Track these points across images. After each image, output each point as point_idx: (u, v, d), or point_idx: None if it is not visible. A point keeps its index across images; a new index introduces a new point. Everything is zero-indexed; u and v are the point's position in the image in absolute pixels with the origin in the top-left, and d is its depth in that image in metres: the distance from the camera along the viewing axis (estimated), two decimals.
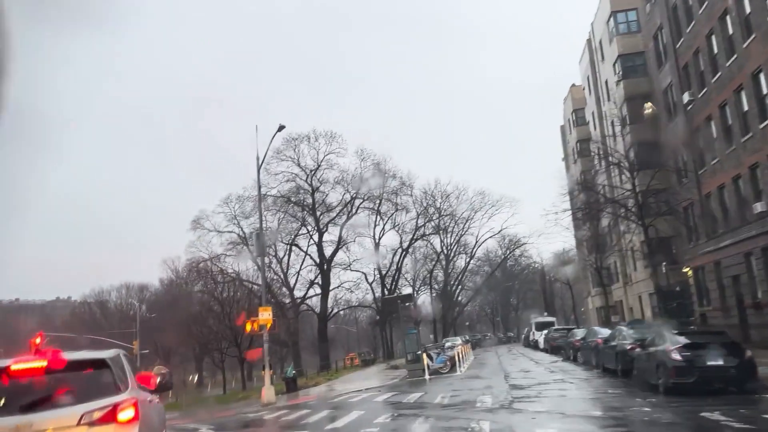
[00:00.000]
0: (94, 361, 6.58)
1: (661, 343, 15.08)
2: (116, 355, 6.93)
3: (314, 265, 56.80)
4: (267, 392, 23.08)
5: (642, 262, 40.24)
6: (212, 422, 19.09)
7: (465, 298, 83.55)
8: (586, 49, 52.77)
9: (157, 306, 70.12)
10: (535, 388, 17.31)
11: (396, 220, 62.89)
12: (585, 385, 17.75)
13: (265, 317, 23.46)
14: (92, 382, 6.28)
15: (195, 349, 60.17)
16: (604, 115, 48.56)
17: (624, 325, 23.89)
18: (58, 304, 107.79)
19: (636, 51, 41.93)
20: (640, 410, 11.90)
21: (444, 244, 71.17)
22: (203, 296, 50.67)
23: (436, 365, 27.44)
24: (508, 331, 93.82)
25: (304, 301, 57.57)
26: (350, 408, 16.91)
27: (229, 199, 53.28)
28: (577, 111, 57.66)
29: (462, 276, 76.45)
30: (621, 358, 19.00)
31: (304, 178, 55.17)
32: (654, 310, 39.24)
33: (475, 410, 13.24)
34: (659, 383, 14.29)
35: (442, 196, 66.71)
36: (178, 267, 63.77)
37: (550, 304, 71.39)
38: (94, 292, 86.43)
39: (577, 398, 14.43)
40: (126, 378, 6.61)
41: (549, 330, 42.33)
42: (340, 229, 57.39)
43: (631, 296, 46.17)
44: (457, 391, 17.99)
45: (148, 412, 6.84)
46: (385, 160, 57.96)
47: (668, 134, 34.28)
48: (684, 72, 31.62)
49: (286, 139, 52.86)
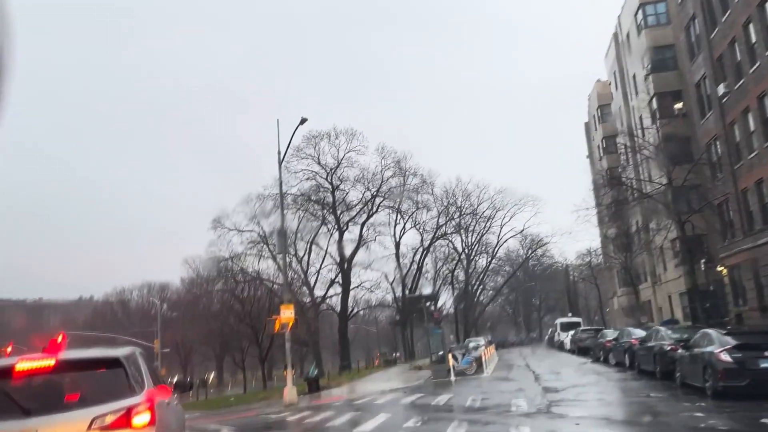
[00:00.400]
0: (107, 359, 6.04)
1: (707, 344, 14.19)
2: (131, 354, 6.37)
3: (334, 264, 56.34)
4: (289, 393, 22.47)
5: (673, 261, 39.04)
6: (234, 423, 18.53)
7: (486, 299, 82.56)
8: (613, 43, 51.56)
9: (178, 305, 70.21)
10: (570, 390, 16.47)
11: (417, 218, 62.25)
12: (623, 387, 16.86)
13: (287, 315, 22.84)
14: (104, 383, 5.74)
15: (215, 348, 60.03)
16: (632, 110, 47.36)
17: (661, 324, 22.87)
18: (80, 304, 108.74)
19: (665, 44, 40.83)
20: (691, 416, 11.04)
21: (465, 243, 70.36)
22: (224, 295, 50.42)
23: (461, 366, 26.66)
24: (531, 332, 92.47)
25: (324, 301, 57.11)
26: (376, 410, 16.23)
27: (249, 198, 52.96)
28: (602, 107, 56.43)
29: (483, 276, 75.50)
30: (660, 359, 18.11)
31: (325, 176, 54.69)
32: (685, 310, 38.05)
33: (511, 415, 12.47)
34: (706, 386, 13.43)
35: (463, 195, 65.97)
36: (198, 266, 63.80)
37: (574, 304, 70.01)
38: (116, 291, 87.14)
39: (618, 402, 13.58)
40: (142, 378, 6.06)
41: (576, 331, 41.34)
42: (361, 227, 56.85)
43: (660, 296, 44.90)
44: (487, 394, 17.21)
45: (166, 415, 6.29)
46: (406, 157, 57.26)
47: (701, 128, 33.14)
48: (718, 63, 30.46)
49: (307, 137, 52.46)
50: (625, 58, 48.63)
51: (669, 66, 40.40)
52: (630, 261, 41.86)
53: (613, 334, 29.00)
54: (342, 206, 55.90)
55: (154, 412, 5.57)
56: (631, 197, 36.41)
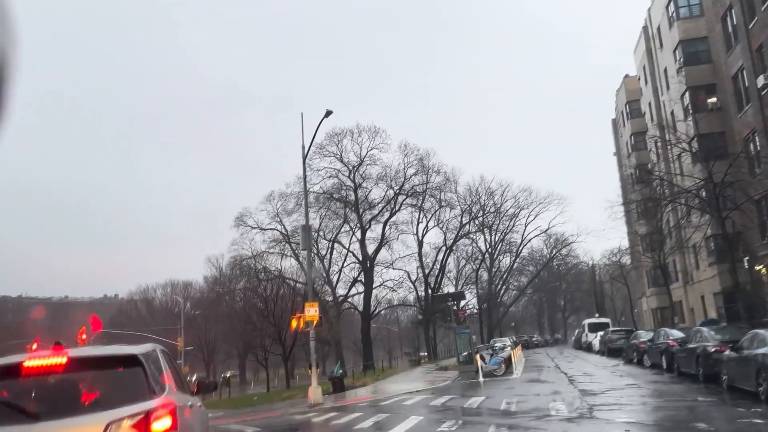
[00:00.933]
0: (124, 357, 5.39)
1: (759, 346, 13.34)
2: (151, 351, 5.76)
3: (356, 262, 55.86)
4: (314, 392, 21.93)
5: (706, 260, 37.78)
6: (258, 423, 18.05)
7: (510, 299, 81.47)
8: (642, 36, 50.27)
9: (201, 303, 70.39)
10: (609, 394, 15.67)
11: (440, 217, 61.53)
12: (665, 390, 15.99)
13: (311, 313, 22.29)
14: (121, 384, 5.14)
15: (238, 347, 59.91)
16: (662, 105, 46.10)
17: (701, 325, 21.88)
18: (105, 302, 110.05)
19: (699, 36, 39.61)
20: (750, 422, 10.24)
21: (488, 242, 69.43)
22: (246, 293, 50.25)
23: (490, 367, 25.91)
24: (555, 333, 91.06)
25: (347, 300, 56.65)
26: (405, 412, 15.60)
27: (272, 197, 52.79)
28: (631, 103, 55.13)
29: (507, 275, 74.48)
30: (703, 361, 17.22)
31: (347, 174, 54.26)
32: (720, 310, 36.82)
33: (552, 419, 11.75)
34: (759, 391, 12.58)
35: (487, 193, 65.09)
36: (221, 264, 63.87)
37: (600, 305, 68.61)
38: (140, 290, 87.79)
39: (665, 406, 12.74)
40: (162, 378, 5.48)
41: (605, 332, 40.27)
42: (383, 226, 56.30)
43: (692, 296, 43.59)
44: (521, 396, 16.47)
45: (189, 420, 5.68)
46: (429, 155, 56.63)
47: (739, 122, 31.94)
48: (758, 54, 29.29)
49: (329, 134, 52.09)
50: (655, 52, 47.36)
51: (702, 59, 39.17)
52: (663, 260, 40.61)
53: (647, 335, 28.11)
54: (364, 204, 55.42)
55: (176, 416, 5.01)
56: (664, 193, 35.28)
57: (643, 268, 52.58)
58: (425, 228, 60.99)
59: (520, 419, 12.21)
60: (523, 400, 15.39)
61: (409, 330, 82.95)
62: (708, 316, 38.32)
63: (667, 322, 41.45)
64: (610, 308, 79.79)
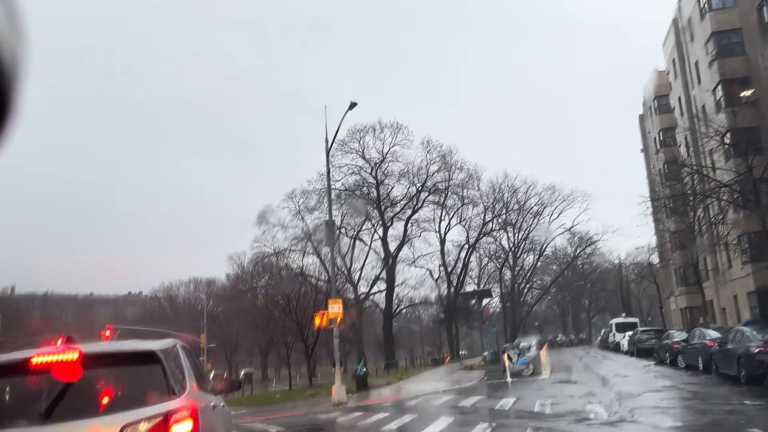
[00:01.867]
0: (142, 354, 4.94)
1: None
2: (171, 347, 5.28)
3: (378, 260, 55.49)
4: (338, 391, 21.50)
5: (740, 258, 36.62)
6: (282, 423, 17.66)
7: (533, 298, 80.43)
8: (672, 29, 48.98)
9: (224, 300, 70.54)
10: (648, 396, 14.97)
11: (462, 214, 60.84)
12: (706, 393, 15.22)
13: (335, 310, 21.87)
14: (138, 382, 4.74)
15: (260, 344, 59.86)
16: (693, 99, 44.85)
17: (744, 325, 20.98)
18: (129, 299, 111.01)
19: (732, 27, 38.40)
20: None
21: (511, 240, 68.54)
22: (268, 291, 50.13)
23: (517, 367, 25.29)
24: (580, 333, 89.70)
25: (368, 297, 56.27)
26: (434, 413, 15.07)
27: (294, 194, 52.62)
28: (659, 98, 53.79)
29: (530, 274, 73.48)
30: (745, 362, 16.42)
31: (369, 170, 53.87)
32: (754, 310, 35.66)
33: (592, 423, 11.12)
34: None
35: (510, 190, 64.20)
36: (243, 262, 63.91)
37: (627, 304, 67.26)
38: (164, 287, 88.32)
39: (711, 410, 12.01)
40: (183, 377, 5.03)
41: (635, 331, 39.30)
42: (405, 223, 55.81)
43: (723, 296, 42.34)
44: (554, 398, 15.83)
45: (211, 422, 5.24)
46: (452, 151, 55.96)
47: None
48: None
49: (351, 131, 51.74)
50: (686, 45, 46.09)
51: (736, 51, 37.98)
52: (696, 258, 39.49)
53: (681, 335, 27.26)
54: (386, 201, 54.97)
55: (198, 419, 4.57)
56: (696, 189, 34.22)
57: (673, 266, 51.34)
58: (448, 226, 60.44)
59: (558, 423, 11.60)
60: (556, 402, 14.76)
61: (431, 329, 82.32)
62: (741, 316, 37.19)
63: (698, 322, 40.34)
64: (636, 308, 78.30)
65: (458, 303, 57.88)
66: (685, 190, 34.04)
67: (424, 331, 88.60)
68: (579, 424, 11.08)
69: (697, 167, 33.98)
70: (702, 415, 11.52)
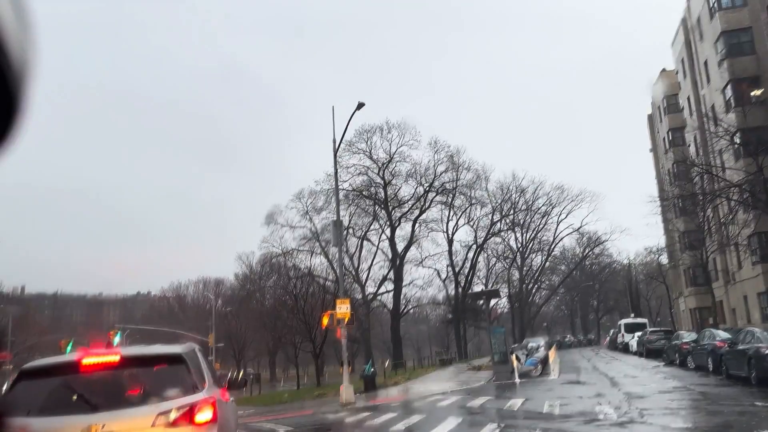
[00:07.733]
0: (169, 356, 6.03)
1: None
2: (191, 350, 6.34)
3: (385, 260, 55.49)
4: (346, 391, 21.51)
5: (750, 258, 36.38)
6: (290, 422, 17.69)
7: (541, 298, 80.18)
8: (681, 28, 48.73)
9: (232, 300, 70.75)
10: (657, 397, 14.89)
11: (470, 214, 60.75)
12: (717, 394, 15.13)
13: (343, 310, 21.89)
14: (167, 379, 5.71)
15: (269, 344, 60.00)
16: (702, 99, 44.59)
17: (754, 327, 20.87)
18: (138, 299, 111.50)
19: (742, 26, 38.20)
20: None
21: (519, 241, 68.37)
22: (276, 291, 50.27)
23: (526, 367, 25.21)
24: (588, 333, 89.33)
25: (376, 298, 56.29)
26: (442, 414, 15.06)
27: (302, 195, 52.78)
28: (668, 97, 53.51)
29: (538, 274, 73.28)
30: (757, 363, 16.30)
31: (376, 171, 53.89)
32: (763, 311, 35.45)
33: (601, 424, 11.07)
34: None
35: (518, 190, 64.05)
36: (252, 262, 64.09)
37: (636, 305, 66.94)
38: (173, 287, 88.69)
39: (722, 411, 11.92)
40: (203, 375, 6.03)
41: (644, 332, 39.14)
42: (413, 223, 55.81)
43: (733, 296, 42.07)
44: (563, 399, 15.78)
45: (226, 412, 6.26)
46: (459, 151, 55.93)
47: None
48: None
49: (359, 131, 51.79)
50: (695, 44, 45.83)
51: (746, 50, 37.78)
52: (705, 258, 39.28)
53: (690, 335, 27.13)
54: (394, 202, 54.97)
55: (216, 409, 5.53)
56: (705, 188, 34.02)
57: (682, 267, 51.06)
58: (455, 226, 60.37)
59: (567, 424, 11.56)
60: (565, 403, 14.71)
61: (438, 329, 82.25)
62: (751, 317, 36.95)
63: (707, 323, 40.11)
64: (645, 308, 77.93)
65: (466, 303, 57.79)
66: (694, 190, 33.82)
67: (431, 332, 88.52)
68: (588, 425, 11.04)
69: (706, 167, 33.77)
70: (712, 416, 11.45)
